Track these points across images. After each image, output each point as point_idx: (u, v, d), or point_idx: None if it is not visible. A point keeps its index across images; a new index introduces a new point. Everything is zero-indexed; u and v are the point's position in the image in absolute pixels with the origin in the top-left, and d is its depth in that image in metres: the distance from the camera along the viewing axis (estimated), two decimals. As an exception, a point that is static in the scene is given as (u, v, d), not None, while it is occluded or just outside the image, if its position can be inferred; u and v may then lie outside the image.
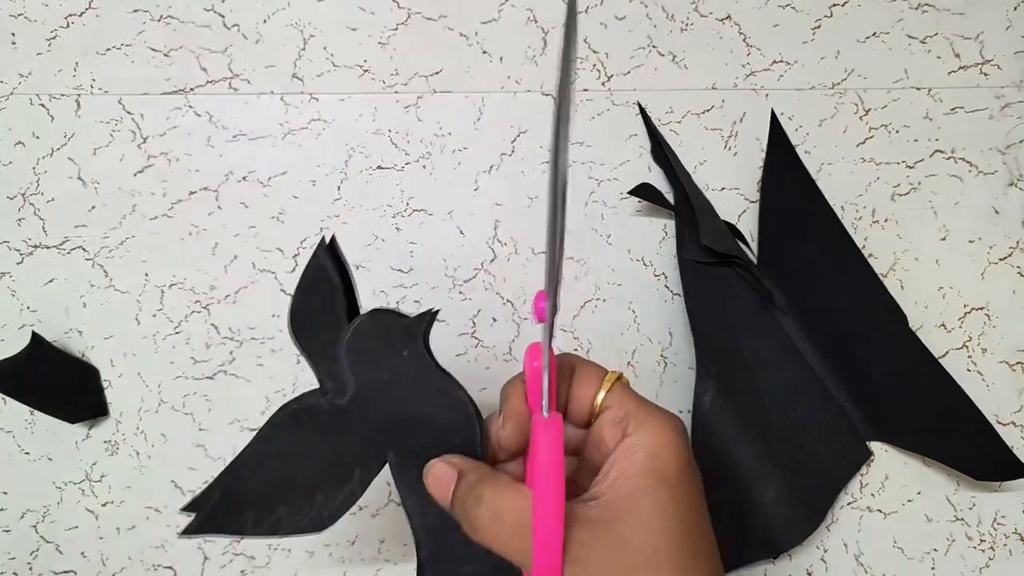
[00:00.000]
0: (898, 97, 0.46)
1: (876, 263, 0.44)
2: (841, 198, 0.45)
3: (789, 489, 0.40)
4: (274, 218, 0.44)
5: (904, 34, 0.46)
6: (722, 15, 0.46)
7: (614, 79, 0.46)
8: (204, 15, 0.45)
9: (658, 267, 0.44)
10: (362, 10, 0.46)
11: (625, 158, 0.45)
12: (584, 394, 0.28)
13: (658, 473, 0.26)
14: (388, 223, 0.44)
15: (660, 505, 0.25)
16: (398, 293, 0.44)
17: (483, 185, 0.45)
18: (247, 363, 0.43)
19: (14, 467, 0.42)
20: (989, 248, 0.45)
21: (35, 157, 0.44)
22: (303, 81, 0.45)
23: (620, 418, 0.27)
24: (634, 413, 0.27)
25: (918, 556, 0.42)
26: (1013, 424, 0.43)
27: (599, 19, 0.46)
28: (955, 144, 0.45)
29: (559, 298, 0.26)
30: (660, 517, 0.25)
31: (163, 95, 0.45)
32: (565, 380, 0.29)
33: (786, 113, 0.45)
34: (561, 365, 0.29)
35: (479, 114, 0.45)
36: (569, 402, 0.29)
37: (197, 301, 0.43)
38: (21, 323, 0.43)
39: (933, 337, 0.43)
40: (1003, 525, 0.42)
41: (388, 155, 0.45)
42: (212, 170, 0.44)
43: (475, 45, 0.46)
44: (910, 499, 0.42)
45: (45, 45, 0.45)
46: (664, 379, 0.43)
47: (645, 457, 0.26)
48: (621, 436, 0.27)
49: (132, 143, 0.44)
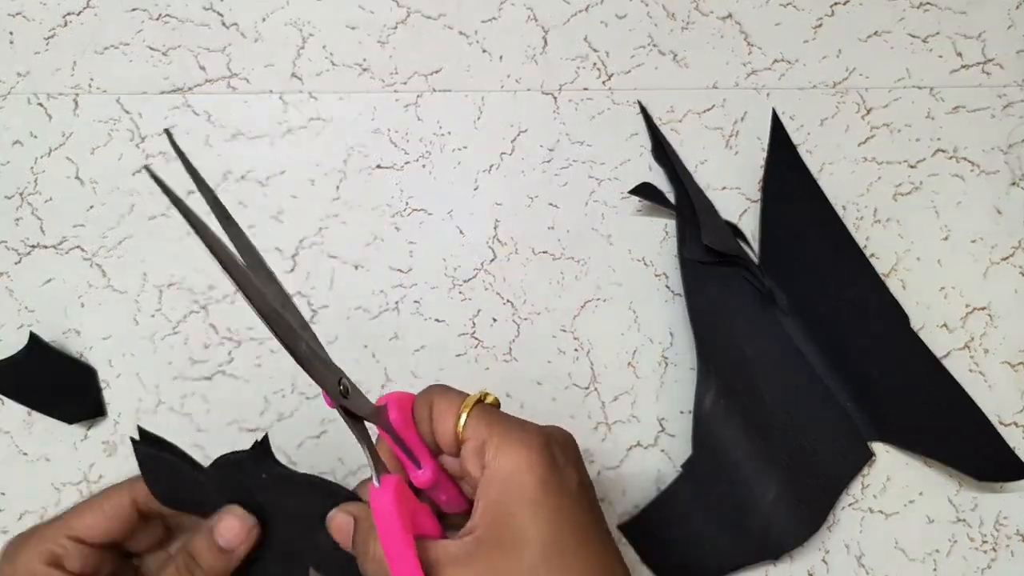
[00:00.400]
0: (900, 96, 0.46)
1: (878, 263, 0.44)
2: (843, 198, 0.45)
3: (790, 490, 0.40)
4: (273, 217, 0.44)
5: (906, 33, 0.46)
6: (723, 14, 0.46)
7: (615, 78, 0.45)
8: (203, 14, 0.45)
9: (659, 267, 0.44)
10: (361, 9, 0.46)
11: (626, 157, 0.45)
12: (445, 428, 0.29)
13: (518, 499, 0.26)
14: (387, 223, 0.44)
15: (524, 528, 0.26)
16: (398, 293, 0.43)
17: (483, 185, 0.45)
18: (246, 364, 0.43)
19: (12, 468, 0.42)
20: (991, 248, 0.45)
21: (33, 156, 0.44)
22: (302, 80, 0.45)
23: (478, 447, 0.28)
24: (490, 439, 0.27)
25: (920, 557, 0.42)
26: (1015, 424, 0.43)
27: (600, 18, 0.46)
28: (957, 143, 0.45)
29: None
30: (525, 541, 0.26)
31: (161, 94, 0.45)
32: (426, 418, 0.29)
33: (787, 112, 0.45)
34: (420, 403, 0.29)
35: (479, 113, 0.45)
36: (436, 437, 0.29)
37: (195, 301, 0.43)
38: (19, 323, 0.43)
39: (935, 337, 0.43)
40: (1005, 526, 0.42)
41: (387, 154, 0.45)
42: (211, 169, 0.44)
43: (475, 44, 0.45)
44: (912, 500, 0.42)
45: (43, 44, 0.45)
46: (665, 379, 0.43)
47: (504, 484, 0.26)
48: (482, 466, 0.27)
49: (130, 142, 0.44)
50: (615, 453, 0.43)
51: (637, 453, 0.43)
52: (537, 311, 0.44)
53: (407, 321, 0.43)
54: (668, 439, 0.43)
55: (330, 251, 0.44)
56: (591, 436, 0.42)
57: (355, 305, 0.43)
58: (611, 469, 0.42)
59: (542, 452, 0.27)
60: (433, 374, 0.43)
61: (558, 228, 0.44)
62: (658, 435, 0.43)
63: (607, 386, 0.43)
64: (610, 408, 0.43)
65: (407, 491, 0.27)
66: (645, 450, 0.43)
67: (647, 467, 0.42)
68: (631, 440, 0.43)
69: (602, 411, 0.43)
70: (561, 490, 0.27)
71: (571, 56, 0.46)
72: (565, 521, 0.26)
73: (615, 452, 0.43)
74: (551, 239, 0.44)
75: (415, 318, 0.43)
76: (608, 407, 0.43)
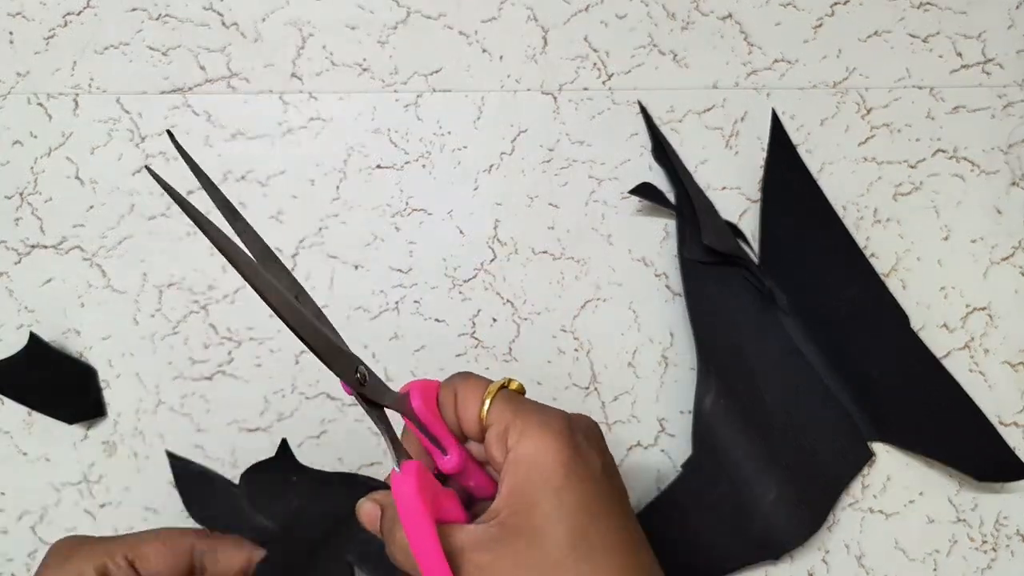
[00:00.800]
0: (900, 96, 0.46)
1: (878, 263, 0.44)
2: (843, 198, 0.45)
3: (790, 490, 0.40)
4: (273, 217, 0.44)
5: (906, 33, 0.46)
6: (723, 14, 0.46)
7: (615, 78, 0.45)
8: (202, 14, 0.45)
9: (659, 267, 0.44)
10: (361, 8, 0.46)
11: (626, 157, 0.45)
12: (469, 415, 0.29)
13: (542, 484, 0.26)
14: (387, 223, 0.44)
15: (547, 515, 0.26)
16: (398, 293, 0.43)
17: (483, 185, 0.45)
18: (246, 364, 0.43)
19: (12, 468, 0.42)
20: (991, 248, 0.45)
21: (33, 156, 0.44)
22: (302, 80, 0.45)
23: (501, 433, 0.27)
24: (513, 424, 0.27)
25: (920, 557, 0.42)
26: (1015, 424, 0.43)
27: (600, 18, 0.46)
28: (957, 143, 0.45)
29: None
30: (549, 527, 0.25)
31: (161, 94, 0.45)
32: (451, 404, 0.29)
33: (787, 112, 0.45)
34: (445, 390, 0.29)
35: (479, 113, 0.45)
36: (460, 423, 0.29)
37: (195, 301, 0.43)
38: (19, 323, 0.43)
39: (935, 337, 0.43)
40: (1005, 526, 0.42)
41: (387, 154, 0.45)
42: (210, 169, 0.44)
43: (475, 44, 0.45)
44: (912, 500, 0.42)
45: (43, 44, 0.45)
46: (665, 379, 0.43)
47: (528, 469, 0.26)
48: (506, 451, 0.27)
49: (130, 142, 0.44)
50: (615, 453, 0.42)
51: (637, 453, 0.43)
52: (537, 311, 0.44)
53: (407, 321, 0.43)
54: (668, 439, 0.43)
55: (330, 251, 0.44)
56: (591, 436, 0.43)
57: (355, 305, 0.43)
58: (611, 469, 0.42)
59: (565, 437, 0.27)
60: (433, 374, 0.42)
61: (558, 228, 0.44)
62: (658, 435, 0.43)
63: (607, 386, 0.43)
64: (610, 408, 0.43)
65: (429, 476, 0.27)
66: (645, 450, 0.43)
67: (647, 467, 0.42)
68: (631, 440, 0.43)
69: (602, 411, 0.43)
70: (584, 475, 0.26)
71: (571, 56, 0.46)
72: (589, 506, 0.26)
73: (615, 452, 0.42)
74: (551, 239, 0.44)
75: (415, 318, 0.43)
76: (608, 407, 0.43)
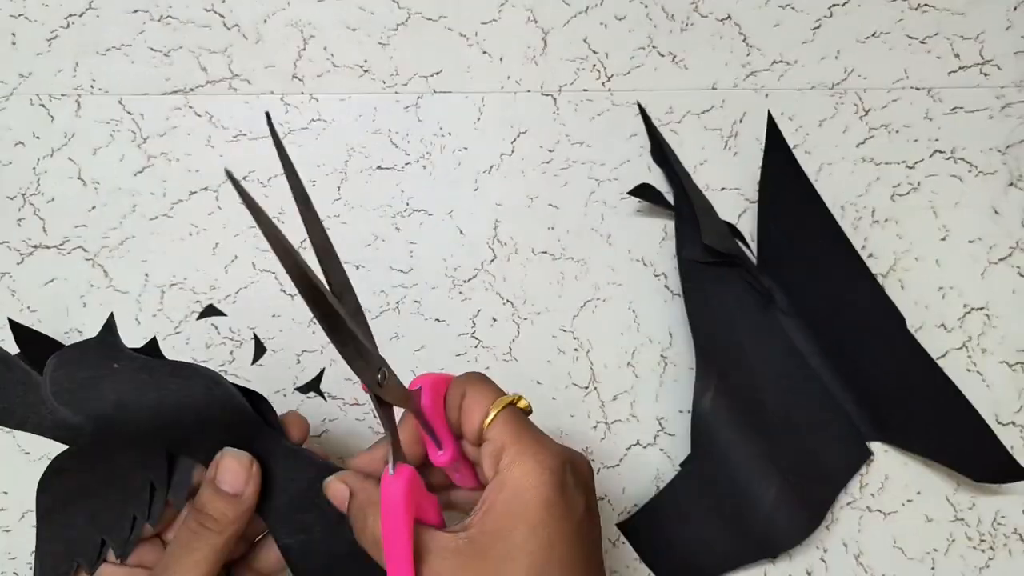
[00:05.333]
0: (898, 97, 0.46)
1: (876, 263, 0.44)
2: (841, 198, 0.45)
3: (789, 489, 0.40)
4: (274, 218, 0.44)
5: (904, 34, 0.46)
6: (722, 15, 0.46)
7: (614, 79, 0.46)
8: (204, 15, 0.45)
9: (658, 267, 0.44)
10: (362, 10, 0.46)
11: (625, 158, 0.45)
12: (472, 421, 0.29)
13: (519, 514, 0.26)
14: (388, 223, 0.44)
15: (516, 545, 0.26)
16: (398, 293, 0.44)
17: (483, 185, 0.45)
18: (247, 364, 0.43)
19: (14, 467, 0.42)
20: (989, 248, 0.45)
21: (35, 157, 0.44)
22: (303, 81, 0.45)
23: (496, 451, 0.28)
24: (509, 447, 0.27)
25: (918, 556, 0.42)
26: (1013, 424, 0.43)
27: (599, 19, 0.46)
28: (955, 144, 0.45)
29: None
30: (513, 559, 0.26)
31: (163, 95, 0.45)
32: (457, 404, 0.29)
33: (786, 113, 0.45)
34: (455, 388, 0.30)
35: (479, 114, 0.45)
36: (462, 425, 0.29)
37: (197, 301, 0.43)
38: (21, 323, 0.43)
39: (933, 337, 0.43)
40: (1003, 525, 0.42)
41: (388, 155, 0.45)
42: (212, 170, 0.44)
43: (475, 45, 0.46)
44: (910, 499, 0.42)
45: (45, 45, 0.45)
46: (664, 379, 0.43)
47: (511, 496, 0.26)
48: (495, 470, 0.27)
49: (132, 143, 0.44)
50: (615, 452, 0.43)
51: (636, 452, 0.43)
52: (537, 311, 0.44)
53: (407, 321, 0.43)
54: (667, 438, 0.43)
55: (331, 251, 0.44)
56: (591, 435, 0.43)
57: (356, 305, 0.43)
58: (610, 468, 0.43)
59: (556, 475, 0.27)
60: (433, 374, 0.43)
61: (558, 228, 0.44)
62: (657, 434, 0.43)
63: (607, 386, 0.43)
64: (609, 408, 0.43)
65: (419, 483, 0.28)
66: (644, 449, 0.43)
67: (646, 466, 0.43)
68: (630, 439, 0.43)
69: (601, 410, 0.43)
70: (564, 515, 0.26)
71: (571, 57, 0.46)
72: (559, 547, 0.26)
73: (615, 451, 0.43)
74: (551, 239, 0.44)
75: (415, 318, 0.43)
76: (607, 407, 0.43)
